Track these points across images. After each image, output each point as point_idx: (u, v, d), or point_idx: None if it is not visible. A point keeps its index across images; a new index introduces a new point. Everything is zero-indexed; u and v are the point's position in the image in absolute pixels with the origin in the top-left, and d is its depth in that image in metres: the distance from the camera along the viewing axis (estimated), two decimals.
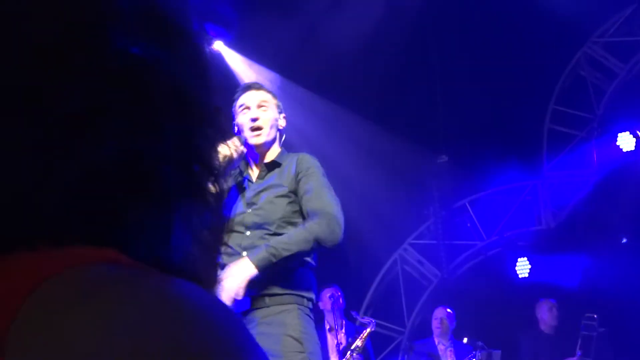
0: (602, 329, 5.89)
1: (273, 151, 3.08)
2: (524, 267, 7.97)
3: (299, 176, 2.96)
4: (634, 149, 7.53)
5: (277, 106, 3.12)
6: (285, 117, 3.16)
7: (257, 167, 3.07)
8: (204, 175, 0.54)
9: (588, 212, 7.64)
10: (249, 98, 3.04)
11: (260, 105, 3.03)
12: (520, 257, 8.01)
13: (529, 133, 7.96)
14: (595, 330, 5.84)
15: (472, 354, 5.85)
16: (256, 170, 3.07)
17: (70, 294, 0.42)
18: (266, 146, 3.04)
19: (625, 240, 7.64)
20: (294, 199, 2.94)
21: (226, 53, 7.05)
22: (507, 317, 7.08)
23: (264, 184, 3.00)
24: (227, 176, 2.94)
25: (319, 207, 2.85)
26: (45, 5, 0.48)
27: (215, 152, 0.55)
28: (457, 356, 6.05)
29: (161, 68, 0.52)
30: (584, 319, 5.90)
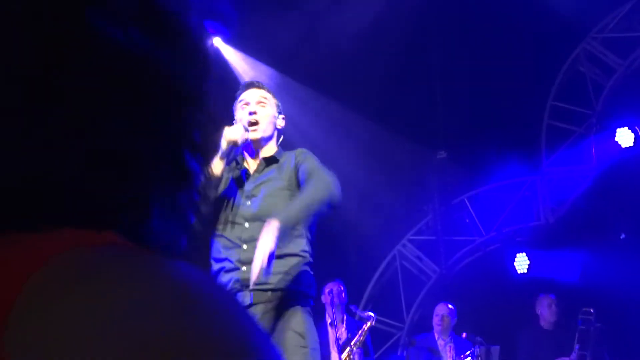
0: (599, 324, 5.90)
1: (270, 148, 3.11)
2: (522, 263, 7.95)
3: (297, 166, 3.01)
4: (633, 144, 7.51)
5: (277, 106, 3.17)
6: (284, 117, 3.20)
7: (254, 162, 3.10)
8: (198, 162, 0.55)
9: (587, 207, 7.63)
10: (249, 95, 3.11)
11: (260, 101, 3.10)
12: (519, 252, 7.98)
13: (527, 129, 7.95)
14: (593, 324, 5.86)
15: (472, 349, 5.86)
16: (254, 165, 3.09)
17: (72, 275, 0.43)
18: (263, 142, 3.08)
19: (623, 236, 7.63)
20: (293, 193, 2.97)
21: (225, 50, 7.05)
22: (506, 312, 7.08)
23: (263, 177, 3.03)
24: (231, 160, 2.98)
25: (315, 176, 2.92)
26: (46, 4, 0.48)
27: (210, 142, 0.56)
28: (457, 351, 6.05)
29: (161, 66, 0.52)
30: (581, 313, 5.91)
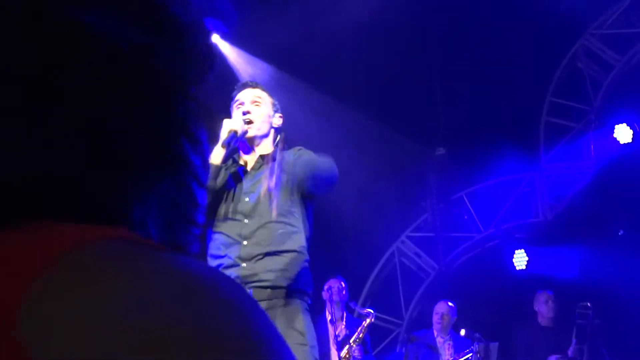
0: (597, 320, 5.91)
1: (266, 146, 3.12)
2: (521, 259, 7.97)
3: (295, 161, 3.04)
4: (631, 140, 7.52)
5: (273, 104, 3.17)
6: (281, 116, 3.20)
7: (251, 159, 3.11)
8: (199, 155, 0.55)
9: (585, 204, 7.64)
10: (244, 95, 3.13)
11: (254, 101, 3.10)
12: (518, 249, 8.00)
13: (526, 125, 7.96)
14: (590, 319, 5.87)
15: (471, 347, 5.87)
16: (251, 162, 3.10)
17: (85, 269, 0.43)
18: (258, 140, 3.09)
19: (622, 232, 7.65)
20: (291, 189, 2.98)
21: (223, 46, 7.04)
22: (505, 309, 7.10)
23: (260, 174, 3.04)
24: (231, 149, 2.99)
25: (317, 156, 3.03)
26: (46, 4, 0.48)
27: (209, 135, 0.56)
28: (456, 349, 6.07)
29: (162, 65, 0.52)
30: (578, 307, 5.92)
